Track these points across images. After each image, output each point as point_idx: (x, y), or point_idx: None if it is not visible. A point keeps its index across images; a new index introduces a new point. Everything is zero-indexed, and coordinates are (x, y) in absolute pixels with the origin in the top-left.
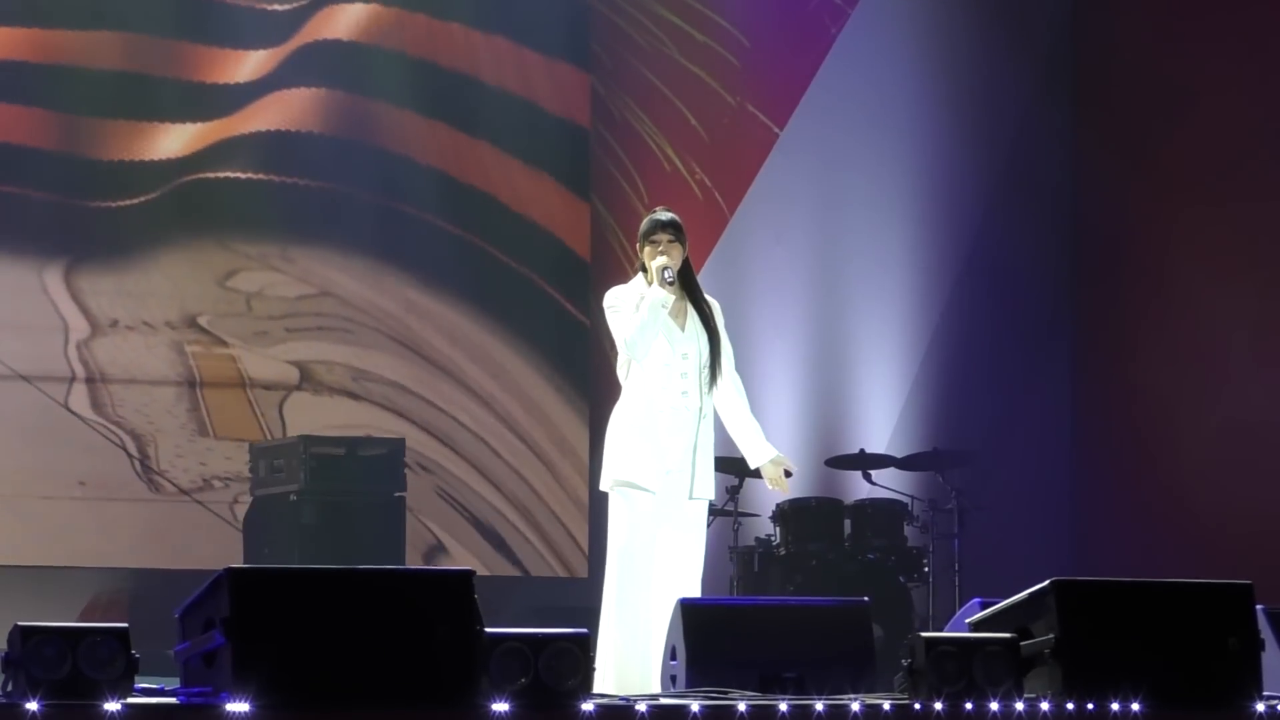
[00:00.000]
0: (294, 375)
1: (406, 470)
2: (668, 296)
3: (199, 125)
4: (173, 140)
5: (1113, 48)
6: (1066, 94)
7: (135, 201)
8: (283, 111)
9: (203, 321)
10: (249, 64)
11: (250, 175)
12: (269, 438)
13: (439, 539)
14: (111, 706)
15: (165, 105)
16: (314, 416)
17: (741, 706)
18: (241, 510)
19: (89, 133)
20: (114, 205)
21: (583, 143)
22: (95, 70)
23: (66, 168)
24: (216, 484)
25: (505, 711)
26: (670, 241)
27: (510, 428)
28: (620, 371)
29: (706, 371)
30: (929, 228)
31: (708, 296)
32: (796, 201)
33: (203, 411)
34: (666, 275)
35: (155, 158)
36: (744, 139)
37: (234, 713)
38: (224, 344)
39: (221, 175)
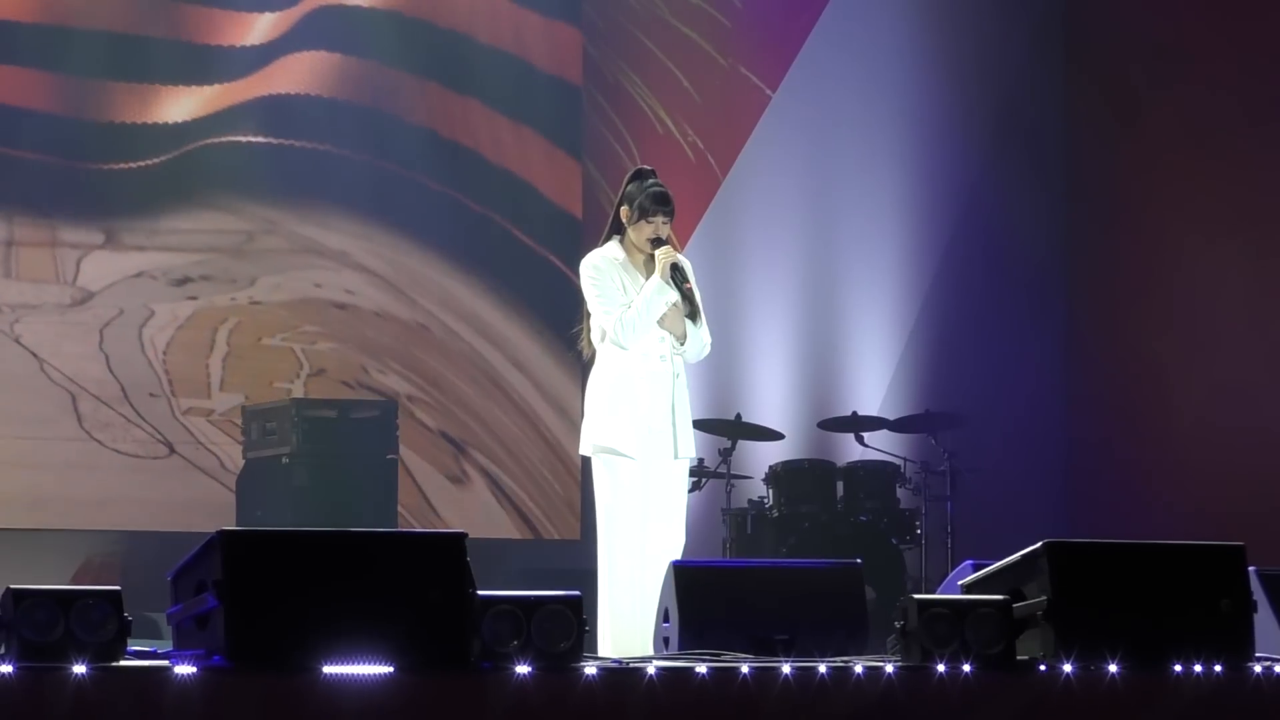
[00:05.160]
0: (99, 239)
1: (398, 430)
2: (674, 294)
3: (199, 89)
4: (177, 105)
5: (1105, 7)
6: (1059, 53)
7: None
8: (280, 75)
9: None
10: (252, 27)
11: (244, 138)
12: (62, 281)
13: (431, 501)
14: (79, 669)
15: (164, 68)
16: (108, 268)
17: (745, 669)
18: (22, 330)
19: (87, 95)
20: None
21: (575, 102)
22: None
23: (65, 130)
24: (4, 309)
25: (498, 673)
26: (665, 222)
27: (501, 387)
28: (595, 336)
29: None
30: (922, 189)
31: (679, 256)
32: (789, 163)
33: (12, 262)
34: (675, 277)
35: (155, 121)
36: (736, 101)
37: (226, 674)
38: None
39: (224, 139)
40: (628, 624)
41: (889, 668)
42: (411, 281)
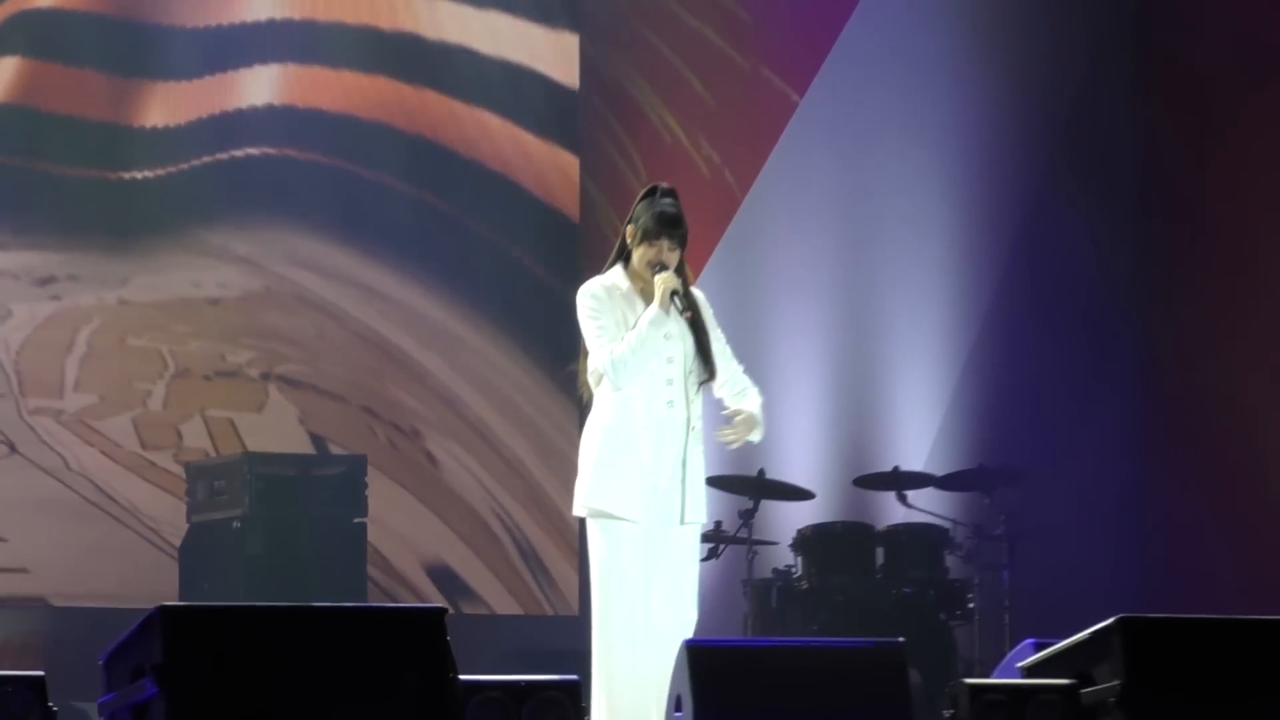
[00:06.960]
0: None
1: (367, 490)
2: (670, 324)
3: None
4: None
5: (1182, 2)
6: (1130, 56)
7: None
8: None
9: None
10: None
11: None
12: None
13: (404, 571)
14: None
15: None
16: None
17: None
18: None
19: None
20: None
21: (571, 106)
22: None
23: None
24: None
25: None
26: (672, 249)
27: (485, 437)
28: (590, 379)
29: (693, 377)
30: (972, 213)
31: (693, 289)
32: (818, 181)
33: None
34: (677, 303)
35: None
36: (758, 108)
37: None
38: None
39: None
40: (626, 713)
41: None
42: (369, 300)
